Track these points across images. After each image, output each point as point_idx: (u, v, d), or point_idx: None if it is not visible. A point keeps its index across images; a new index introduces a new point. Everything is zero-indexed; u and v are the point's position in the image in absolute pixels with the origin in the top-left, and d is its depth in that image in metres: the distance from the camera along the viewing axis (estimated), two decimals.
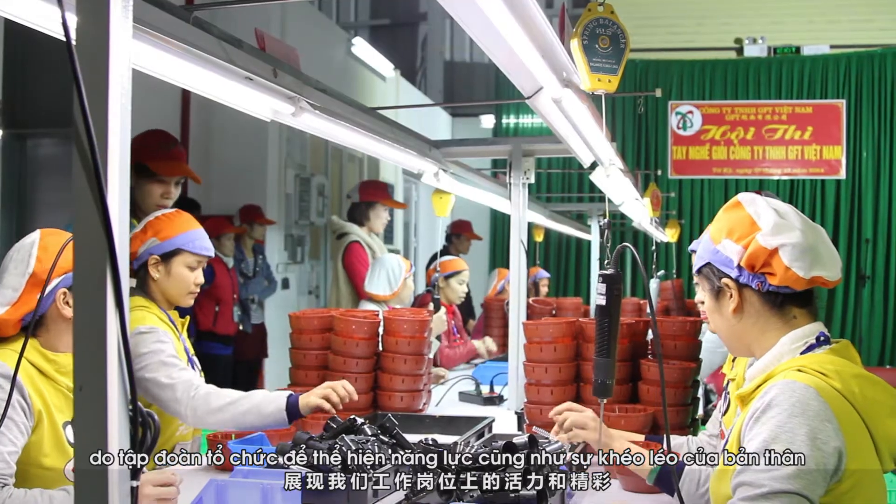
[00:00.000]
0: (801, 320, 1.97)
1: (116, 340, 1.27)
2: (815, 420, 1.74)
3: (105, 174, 1.26)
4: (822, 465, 1.72)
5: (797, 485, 1.71)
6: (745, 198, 2.04)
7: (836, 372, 1.82)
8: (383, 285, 5.37)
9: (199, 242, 3.16)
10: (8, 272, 2.48)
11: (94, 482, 1.25)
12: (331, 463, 2.66)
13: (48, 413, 2.43)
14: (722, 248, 1.99)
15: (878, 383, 1.87)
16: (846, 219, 13.29)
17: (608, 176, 4.15)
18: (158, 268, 3.11)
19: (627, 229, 11.56)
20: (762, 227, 1.94)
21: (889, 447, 1.84)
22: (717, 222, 2.06)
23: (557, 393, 3.44)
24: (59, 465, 2.46)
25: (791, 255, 1.90)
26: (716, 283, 2.03)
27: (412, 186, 12.89)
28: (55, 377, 2.47)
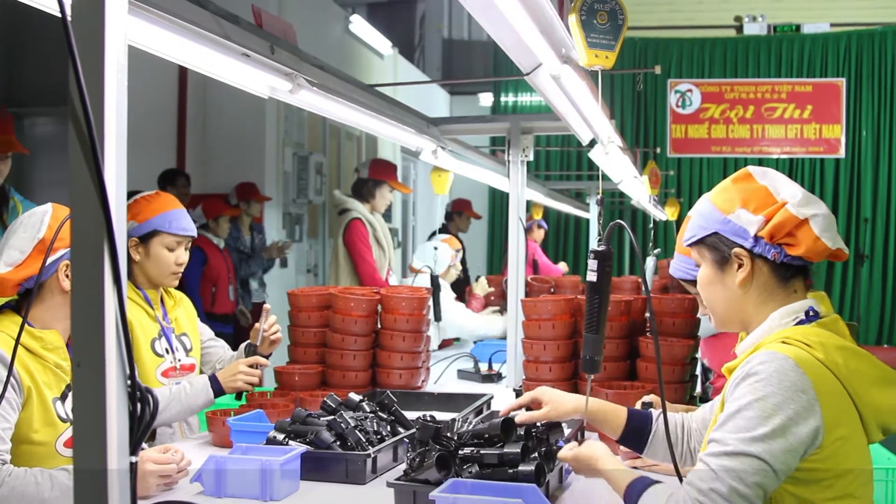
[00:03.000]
0: (799, 294, 2.00)
1: (114, 316, 1.27)
2: (790, 390, 1.77)
3: (102, 151, 1.26)
4: (790, 437, 1.76)
5: (760, 448, 1.75)
6: (756, 170, 2.05)
7: (820, 343, 1.85)
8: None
9: (177, 223, 3.18)
10: (16, 234, 2.49)
11: (93, 458, 1.25)
12: (329, 439, 2.68)
13: (37, 389, 2.43)
14: (735, 218, 1.99)
15: (862, 355, 1.90)
16: (845, 198, 13.29)
17: (607, 153, 4.15)
18: (138, 250, 3.16)
19: (626, 207, 11.57)
20: (787, 198, 1.96)
21: (875, 418, 1.87)
22: (725, 192, 2.05)
23: (556, 370, 3.46)
24: (50, 439, 2.47)
25: (822, 226, 1.93)
26: (725, 253, 2.02)
27: (411, 165, 12.88)
28: (42, 354, 2.47)
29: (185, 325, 3.39)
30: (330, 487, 2.58)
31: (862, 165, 13.21)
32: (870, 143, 13.18)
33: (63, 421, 2.50)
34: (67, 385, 2.53)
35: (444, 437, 2.38)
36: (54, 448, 2.48)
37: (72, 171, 1.26)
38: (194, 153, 7.99)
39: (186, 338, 3.37)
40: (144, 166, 6.81)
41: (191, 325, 3.43)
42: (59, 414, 2.49)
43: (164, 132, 7.74)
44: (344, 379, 3.73)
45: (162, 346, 3.22)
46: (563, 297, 3.60)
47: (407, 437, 2.57)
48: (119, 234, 1.26)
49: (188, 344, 3.36)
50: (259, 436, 2.83)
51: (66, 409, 2.51)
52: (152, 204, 3.18)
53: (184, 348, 3.33)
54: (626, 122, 13.70)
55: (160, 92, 7.57)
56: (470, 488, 2.17)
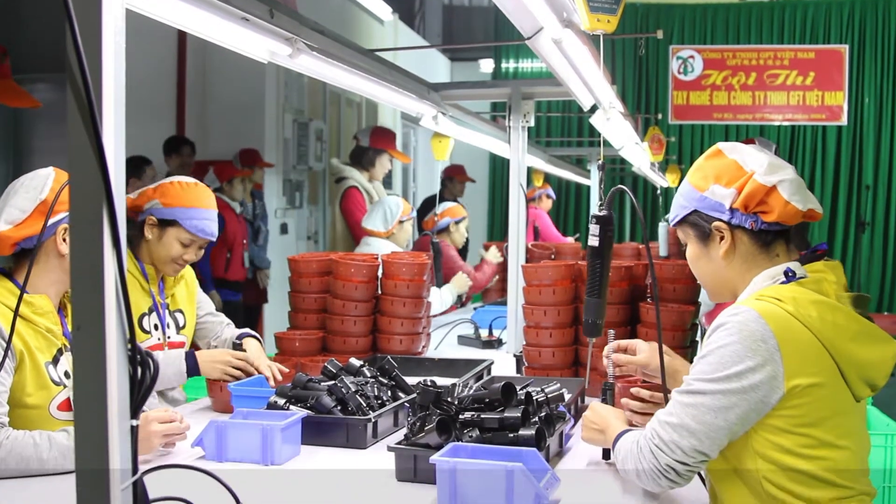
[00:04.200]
0: (782, 258, 2.09)
1: (114, 280, 1.26)
2: (749, 339, 1.89)
3: (100, 113, 1.25)
4: (745, 381, 1.89)
5: (714, 388, 1.91)
6: (726, 146, 2.15)
7: (792, 298, 1.94)
8: (379, 222, 5.45)
9: (197, 222, 3.13)
10: (18, 194, 2.48)
11: (93, 421, 1.25)
12: (330, 404, 2.69)
13: (29, 353, 2.44)
14: (710, 194, 2.08)
15: (839, 309, 1.96)
16: (847, 165, 13.25)
17: (608, 119, 4.13)
18: (154, 230, 3.13)
19: (627, 174, 11.54)
20: (755, 168, 2.04)
21: (857, 372, 1.95)
22: (700, 171, 2.15)
23: (556, 335, 3.46)
24: (44, 403, 2.48)
25: (790, 190, 2.01)
26: (706, 228, 2.11)
27: (411, 132, 12.83)
28: (32, 318, 2.47)
29: (181, 301, 3.35)
30: (331, 452, 2.59)
31: (864, 133, 13.17)
32: (872, 110, 13.13)
33: (56, 384, 2.50)
34: (59, 349, 2.53)
35: (444, 401, 2.39)
36: (48, 411, 2.48)
37: (70, 134, 1.25)
38: (194, 120, 7.96)
39: (181, 314, 3.33)
40: (144, 133, 6.78)
41: (189, 301, 3.39)
42: (52, 377, 2.50)
43: (164, 99, 7.70)
44: (344, 345, 3.74)
45: (151, 322, 3.19)
46: (564, 263, 3.60)
47: (407, 402, 2.58)
48: (118, 197, 1.26)
49: (181, 321, 3.33)
50: (260, 401, 2.84)
51: (59, 373, 2.52)
52: (184, 193, 3.13)
53: (176, 325, 3.29)
54: (627, 88, 13.64)
55: (159, 58, 7.53)
56: (470, 452, 2.18)
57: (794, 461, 1.91)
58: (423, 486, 2.22)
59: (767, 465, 1.92)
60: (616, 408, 2.45)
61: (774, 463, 1.92)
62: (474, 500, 2.05)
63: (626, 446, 2.10)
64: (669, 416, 1.98)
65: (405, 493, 2.23)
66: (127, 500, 1.26)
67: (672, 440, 1.95)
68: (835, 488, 1.91)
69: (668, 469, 1.96)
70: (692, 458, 1.95)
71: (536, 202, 9.07)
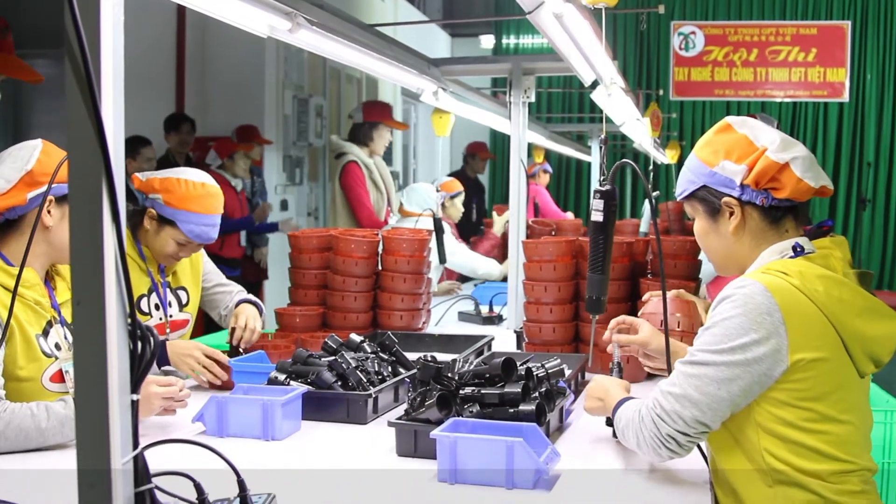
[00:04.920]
0: (791, 233, 2.08)
1: (114, 255, 1.26)
2: (755, 312, 1.89)
3: (98, 87, 1.24)
4: (748, 353, 1.89)
5: (718, 359, 1.91)
6: (735, 120, 2.12)
7: (799, 272, 1.93)
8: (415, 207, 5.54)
9: (195, 227, 3.07)
10: (4, 164, 2.46)
11: (94, 396, 1.25)
12: (330, 379, 2.69)
13: (19, 326, 2.43)
14: (720, 170, 2.06)
15: (845, 284, 1.96)
16: (848, 142, 13.22)
17: (609, 95, 4.13)
18: (152, 223, 3.09)
19: (628, 150, 11.52)
20: (767, 144, 2.02)
21: (862, 347, 1.95)
22: (709, 145, 2.12)
23: (557, 311, 3.46)
24: (36, 375, 2.47)
25: (803, 167, 2.00)
26: (715, 204, 2.09)
27: (411, 108, 12.79)
28: (20, 292, 2.44)
29: (184, 278, 3.31)
30: (331, 427, 2.60)
31: (866, 109, 13.13)
32: (874, 86, 13.09)
33: (47, 356, 2.49)
34: (48, 321, 2.53)
35: (444, 377, 2.39)
36: (41, 383, 2.48)
37: (69, 108, 1.24)
38: (193, 96, 7.93)
39: (184, 291, 3.30)
40: (143, 110, 6.76)
41: (193, 277, 3.36)
42: (43, 349, 2.49)
43: (163, 75, 7.67)
44: (345, 320, 3.74)
45: (150, 303, 3.16)
46: (565, 239, 3.59)
47: (408, 378, 2.58)
48: (117, 172, 1.25)
49: (184, 298, 3.30)
50: (260, 376, 2.84)
51: (50, 345, 2.51)
52: (187, 195, 3.06)
53: (178, 303, 3.27)
54: (628, 64, 13.59)
55: (158, 34, 7.49)
56: (470, 427, 2.19)
57: (795, 434, 1.91)
58: (424, 462, 2.23)
59: (769, 438, 1.92)
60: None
61: (776, 436, 1.92)
62: (475, 475, 2.06)
63: (627, 415, 2.11)
64: (672, 386, 1.98)
65: (406, 468, 2.23)
66: (128, 474, 1.26)
67: (674, 410, 1.95)
68: (836, 462, 1.92)
69: (669, 439, 1.97)
70: (693, 429, 1.95)
71: (536, 178, 9.05)
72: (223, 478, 1.66)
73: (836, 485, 1.91)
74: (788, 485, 1.91)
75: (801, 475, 1.91)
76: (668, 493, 2.05)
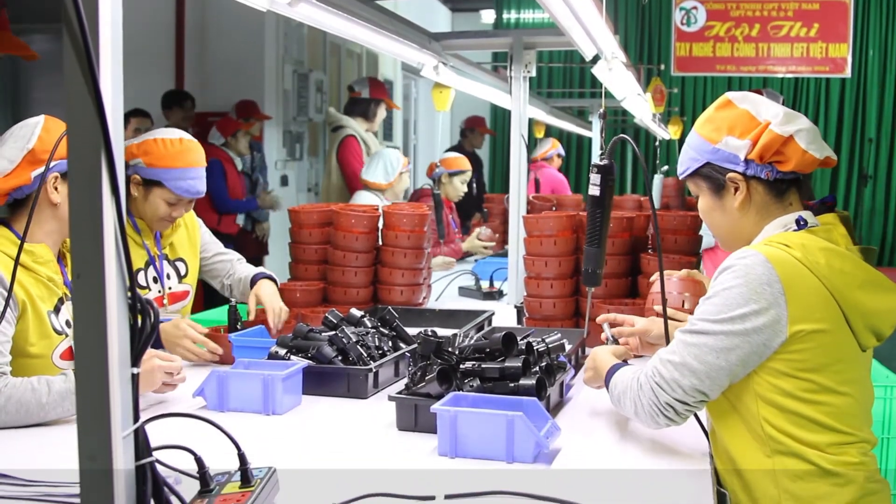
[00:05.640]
0: (795, 206, 2.08)
1: (113, 228, 1.25)
2: (755, 283, 1.89)
3: (97, 60, 1.23)
4: (748, 324, 1.90)
5: (717, 328, 1.92)
6: (735, 96, 2.12)
7: (801, 244, 1.94)
8: (380, 174, 5.43)
9: (183, 183, 3.04)
10: (6, 144, 2.46)
11: (94, 369, 1.25)
12: (331, 354, 2.69)
13: (31, 302, 2.43)
14: (723, 146, 2.06)
15: (847, 257, 1.96)
16: (850, 118, 13.19)
17: (610, 69, 4.11)
18: (139, 189, 3.05)
19: (629, 126, 11.49)
20: (769, 118, 2.02)
21: (863, 320, 1.95)
22: (710, 122, 2.11)
23: (557, 286, 3.46)
24: (46, 352, 2.48)
25: (807, 139, 2.00)
26: (720, 180, 2.09)
27: (412, 83, 12.76)
28: (33, 268, 2.46)
29: (182, 249, 3.29)
30: (332, 402, 2.60)
31: (868, 85, 13.09)
32: (876, 62, 13.03)
33: (58, 333, 2.50)
34: (60, 298, 2.53)
35: (445, 351, 2.39)
36: (50, 360, 2.49)
37: (67, 81, 1.23)
38: (193, 72, 7.90)
39: (182, 263, 3.28)
40: (143, 86, 6.74)
41: (191, 248, 3.34)
42: (54, 326, 2.50)
43: (162, 51, 7.64)
44: (345, 295, 3.74)
45: (148, 276, 3.15)
46: (565, 214, 3.59)
47: (408, 352, 2.58)
48: (116, 145, 1.25)
49: (183, 270, 3.28)
50: (261, 351, 2.85)
51: (61, 322, 2.52)
52: (167, 152, 3.03)
53: (177, 275, 3.25)
54: (629, 39, 13.53)
55: (157, 9, 7.46)
56: (471, 401, 2.19)
57: (794, 405, 1.91)
58: (424, 436, 2.23)
59: (768, 408, 1.93)
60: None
61: (775, 405, 1.93)
62: (475, 449, 2.06)
63: (624, 381, 2.13)
64: (672, 354, 2.00)
65: (406, 442, 2.23)
66: (128, 447, 1.26)
67: (673, 378, 1.97)
68: (834, 433, 1.92)
69: (667, 407, 1.99)
70: (692, 398, 1.97)
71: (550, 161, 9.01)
72: (224, 452, 1.67)
73: (834, 455, 1.91)
74: (787, 455, 1.92)
75: (799, 445, 1.91)
76: (669, 467, 2.06)
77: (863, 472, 1.94)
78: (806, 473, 1.91)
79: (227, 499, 1.58)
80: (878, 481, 1.98)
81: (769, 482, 1.94)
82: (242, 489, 1.62)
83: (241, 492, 1.61)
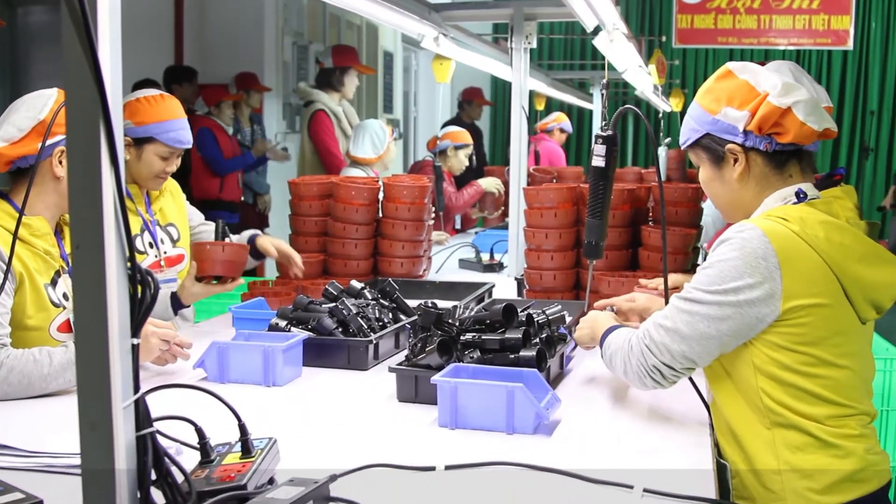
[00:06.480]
0: (796, 178, 2.07)
1: (112, 198, 1.25)
2: (751, 256, 1.90)
3: (95, 30, 1.22)
4: (741, 296, 1.90)
5: (711, 299, 1.94)
6: (736, 66, 2.11)
7: (799, 218, 1.93)
8: (368, 148, 5.40)
9: (174, 134, 3.05)
10: (18, 112, 2.46)
11: (94, 340, 1.25)
12: (331, 325, 2.69)
13: (29, 275, 2.43)
14: (723, 117, 2.05)
15: (846, 230, 1.96)
16: (852, 90, 13.15)
17: (612, 41, 4.09)
18: (130, 150, 3.03)
19: (630, 98, 11.45)
20: (768, 89, 2.00)
21: (863, 293, 1.95)
22: (710, 93, 2.10)
23: (558, 258, 3.45)
24: (44, 324, 2.48)
25: (805, 111, 1.98)
26: (719, 151, 2.08)
27: (412, 55, 12.70)
28: (31, 241, 2.46)
29: (171, 214, 3.30)
30: (332, 373, 2.61)
31: (870, 58, 13.04)
32: (879, 34, 12.98)
33: (55, 306, 2.50)
34: (56, 271, 2.53)
35: (445, 322, 2.39)
36: (48, 332, 2.49)
37: (66, 54, 1.23)
38: (192, 43, 7.87)
39: (173, 227, 3.28)
40: (143, 58, 6.71)
41: (179, 213, 3.34)
42: (52, 299, 2.50)
43: (162, 22, 7.60)
44: (346, 268, 3.74)
45: (144, 241, 3.14)
46: (566, 186, 3.58)
47: (409, 324, 2.58)
48: (115, 115, 1.24)
49: (175, 234, 3.28)
50: (261, 323, 2.85)
51: (58, 294, 2.52)
52: (153, 108, 3.04)
53: (170, 239, 3.25)
54: (630, 10, 13.48)
55: None
56: (471, 373, 2.19)
57: (792, 377, 1.92)
58: (424, 407, 2.24)
59: (766, 380, 1.94)
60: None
61: (773, 378, 1.93)
62: (475, 420, 2.07)
63: (617, 342, 2.17)
64: (665, 319, 2.03)
65: (406, 413, 2.24)
66: (129, 418, 1.26)
67: (663, 342, 2.01)
68: (834, 406, 1.93)
69: (654, 370, 2.04)
70: (679, 364, 2.01)
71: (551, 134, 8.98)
72: (224, 423, 1.67)
73: (833, 428, 1.92)
74: (786, 427, 1.93)
75: (798, 418, 1.92)
76: (669, 439, 2.06)
77: (863, 444, 1.94)
78: (806, 445, 1.92)
79: (228, 469, 1.58)
80: (877, 453, 1.98)
81: (769, 454, 1.94)
82: (243, 459, 1.62)
83: (241, 462, 1.61)
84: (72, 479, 1.72)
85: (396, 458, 1.85)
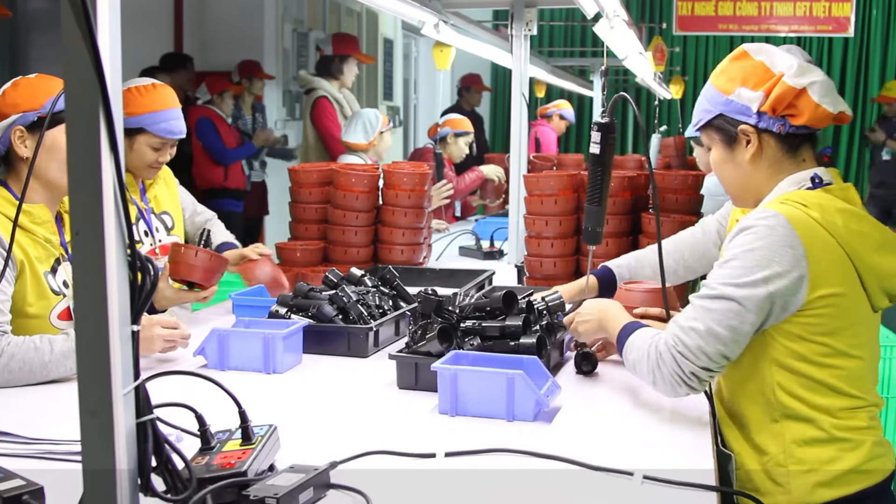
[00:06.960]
0: (808, 163, 2.05)
1: (112, 184, 1.25)
2: (777, 244, 1.86)
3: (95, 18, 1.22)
4: (771, 287, 1.86)
5: (740, 294, 1.88)
6: (752, 47, 2.08)
7: (818, 205, 1.91)
8: (360, 134, 5.42)
9: (165, 125, 3.04)
10: None
11: (94, 327, 1.25)
12: (331, 312, 2.69)
13: (29, 262, 2.43)
14: (736, 97, 2.03)
15: (864, 218, 1.94)
16: (852, 77, 13.11)
17: (612, 28, 4.08)
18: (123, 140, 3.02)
19: (630, 85, 11.42)
20: (784, 70, 1.98)
21: (878, 282, 1.93)
22: (724, 73, 2.08)
23: (558, 245, 3.45)
24: (44, 312, 2.48)
25: (820, 92, 1.96)
26: (731, 132, 2.06)
27: (412, 42, 12.68)
28: (31, 228, 2.46)
29: (165, 202, 3.29)
30: (332, 360, 2.61)
31: (871, 44, 12.99)
32: (880, 22, 12.94)
33: (55, 293, 2.50)
34: (56, 258, 2.53)
35: (445, 310, 2.39)
36: (48, 320, 2.49)
37: (64, 39, 1.22)
38: (192, 31, 7.85)
39: (168, 216, 3.28)
40: (142, 46, 6.69)
41: (172, 201, 3.34)
42: (52, 286, 2.50)
43: (161, 9, 7.59)
44: (346, 255, 3.74)
45: (140, 230, 3.15)
46: (566, 173, 3.58)
47: (409, 311, 2.58)
48: (115, 100, 1.24)
49: (170, 222, 3.29)
50: (261, 310, 2.85)
51: (58, 282, 2.52)
52: (144, 98, 3.03)
53: (165, 227, 3.25)
54: None
55: None
56: (471, 360, 2.19)
57: (808, 369, 1.91)
58: (425, 394, 2.24)
59: (782, 372, 1.92)
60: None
61: (789, 370, 1.92)
62: (475, 408, 2.07)
63: (641, 348, 2.05)
64: (694, 321, 1.94)
65: (406, 401, 2.24)
66: (129, 404, 1.26)
67: (698, 346, 1.92)
68: (846, 398, 1.92)
69: (691, 376, 1.94)
70: (717, 363, 1.93)
71: (549, 120, 8.96)
72: (225, 410, 1.67)
73: (844, 420, 1.91)
74: (796, 419, 1.92)
75: (810, 410, 1.91)
76: (669, 426, 2.06)
77: (871, 436, 1.94)
78: (814, 439, 1.91)
79: (228, 456, 1.58)
80: (883, 444, 1.98)
81: (775, 445, 1.94)
82: (243, 447, 1.62)
83: (242, 449, 1.61)
84: (72, 465, 1.72)
85: (396, 445, 1.85)
